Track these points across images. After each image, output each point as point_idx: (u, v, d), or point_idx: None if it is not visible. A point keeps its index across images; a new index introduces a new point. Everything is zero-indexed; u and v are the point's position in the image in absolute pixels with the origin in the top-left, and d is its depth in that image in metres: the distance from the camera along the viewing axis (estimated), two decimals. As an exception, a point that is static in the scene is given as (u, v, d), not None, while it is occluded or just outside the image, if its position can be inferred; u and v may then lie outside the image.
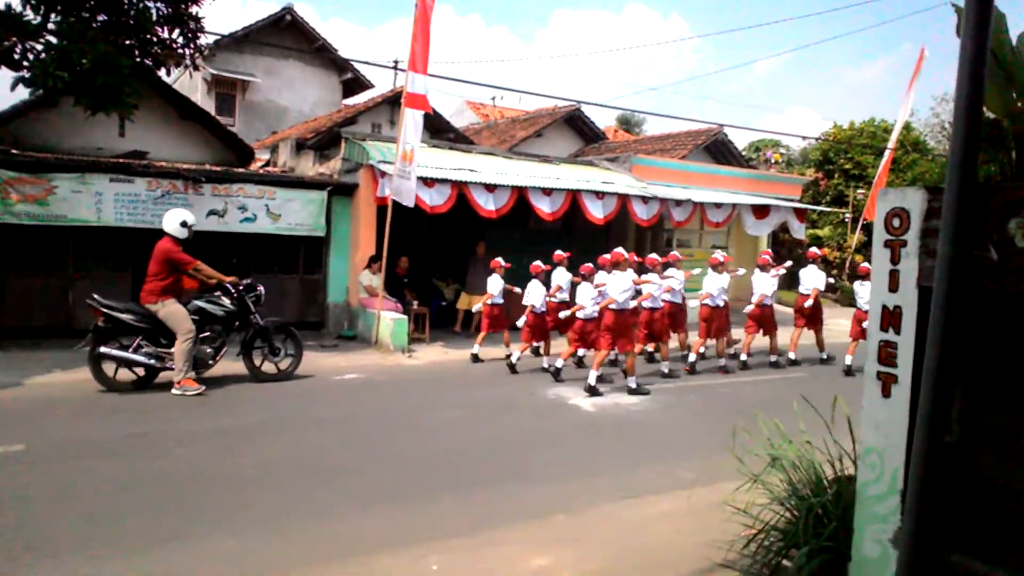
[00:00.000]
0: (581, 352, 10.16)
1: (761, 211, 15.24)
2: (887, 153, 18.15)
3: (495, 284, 10.47)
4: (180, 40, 10.37)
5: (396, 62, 24.09)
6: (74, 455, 5.59)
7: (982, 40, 2.44)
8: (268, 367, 8.56)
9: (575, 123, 22.10)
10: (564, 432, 7.05)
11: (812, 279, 11.39)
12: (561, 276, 10.45)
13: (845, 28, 69.62)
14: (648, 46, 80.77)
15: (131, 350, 7.71)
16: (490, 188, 11.76)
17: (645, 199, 13.56)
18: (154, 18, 9.90)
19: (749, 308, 10.94)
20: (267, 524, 4.51)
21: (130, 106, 9.52)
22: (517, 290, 10.44)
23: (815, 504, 3.23)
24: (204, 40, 10.96)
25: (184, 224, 7.95)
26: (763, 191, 17.03)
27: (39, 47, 9.14)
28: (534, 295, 9.87)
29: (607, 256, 9.47)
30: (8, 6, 9.06)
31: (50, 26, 9.30)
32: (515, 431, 7.03)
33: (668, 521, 4.68)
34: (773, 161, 26.24)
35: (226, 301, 8.21)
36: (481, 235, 12.97)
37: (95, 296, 7.72)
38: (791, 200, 17.32)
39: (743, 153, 23.09)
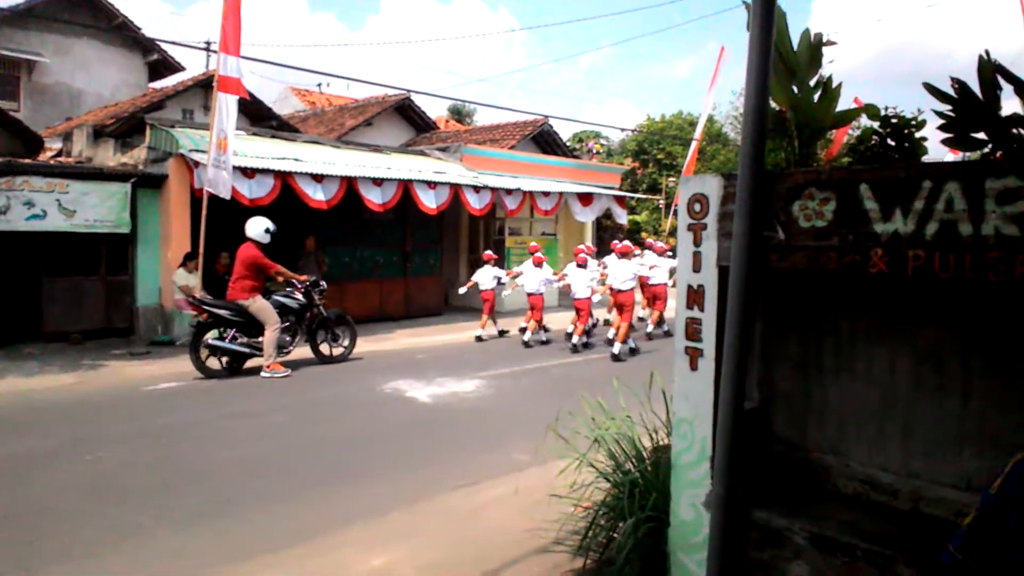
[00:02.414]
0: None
1: (586, 198, 15.91)
2: (693, 144, 19.60)
3: (487, 274, 12.04)
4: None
5: (208, 43, 22.53)
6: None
7: (767, 35, 2.63)
8: (333, 351, 9.87)
9: (406, 112, 21.84)
10: (400, 426, 6.93)
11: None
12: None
13: (660, 26, 74.38)
14: (477, 37, 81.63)
15: (228, 340, 8.77)
16: (318, 178, 11.31)
17: (477, 188, 13.68)
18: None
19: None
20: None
21: None
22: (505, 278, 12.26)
23: (636, 477, 3.38)
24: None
25: (267, 231, 9.00)
26: (587, 180, 17.80)
27: None
28: (532, 280, 11.51)
29: (618, 245, 11.29)
30: None
31: None
32: (350, 429, 6.80)
33: (501, 506, 4.72)
34: (595, 151, 27.51)
35: (298, 296, 9.37)
36: (311, 228, 12.45)
37: (196, 296, 9.23)
38: (612, 188, 18.24)
39: (567, 143, 23.99)
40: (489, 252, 12.79)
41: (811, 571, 2.68)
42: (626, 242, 11.74)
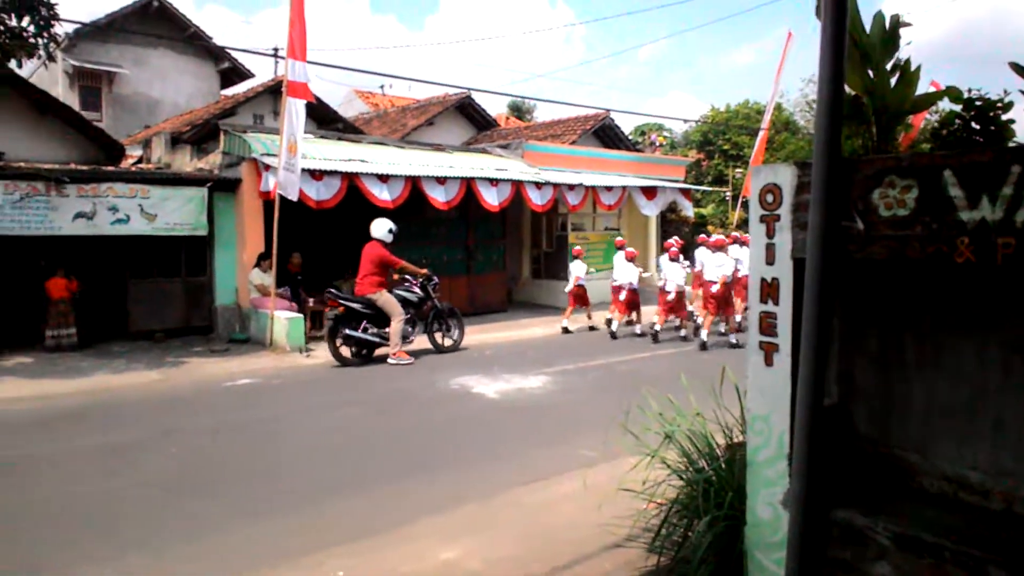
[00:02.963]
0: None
1: (650, 192, 15.72)
2: (761, 133, 19.10)
3: (578, 268, 12.32)
4: (32, 28, 9.54)
5: (276, 50, 23.17)
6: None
7: (840, 20, 2.55)
8: (445, 341, 10.58)
9: (466, 111, 22.00)
10: (468, 421, 7.01)
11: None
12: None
13: (722, 13, 72.73)
14: (535, 32, 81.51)
15: (360, 331, 9.62)
16: (383, 178, 11.52)
17: (539, 185, 13.68)
18: (1, 5, 9.05)
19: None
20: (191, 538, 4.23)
21: (-25, 102, 8.67)
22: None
23: (710, 474, 3.33)
24: (60, 28, 10.14)
25: (390, 231, 9.88)
26: (650, 173, 17.56)
27: None
28: (629, 274, 11.68)
29: (710, 239, 11.82)
30: None
31: None
32: (419, 423, 6.93)
33: (570, 502, 4.72)
34: (657, 144, 27.12)
35: (417, 290, 10.18)
36: (376, 227, 12.68)
37: (332, 290, 9.92)
38: (676, 181, 17.95)
39: (629, 137, 23.73)
40: (579, 248, 13.36)
41: (895, 572, 2.59)
42: (718, 235, 11.82)
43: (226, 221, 11.75)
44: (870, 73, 3.04)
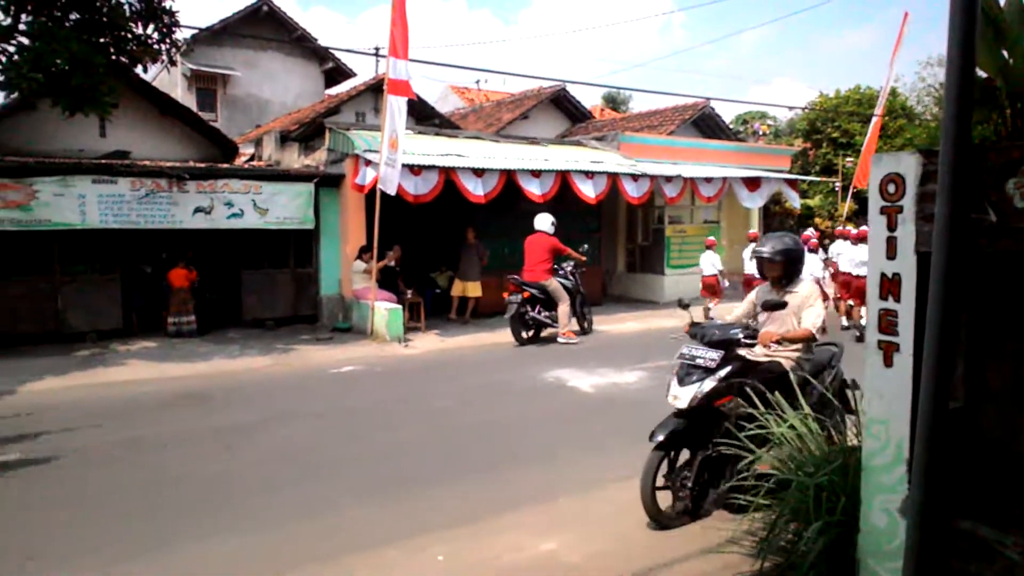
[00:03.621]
0: None
1: (753, 183, 15.20)
2: (874, 120, 18.07)
3: (711, 259, 12.75)
4: (155, 36, 10.21)
5: (377, 49, 23.85)
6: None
7: (972, -4, 2.37)
8: (584, 325, 11.54)
9: (561, 103, 21.95)
10: (564, 414, 7.02)
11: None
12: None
13: (828, -5, 69.15)
14: (631, 22, 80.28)
15: (536, 312, 10.77)
16: (478, 173, 11.66)
17: (635, 177, 13.49)
18: (127, 14, 9.73)
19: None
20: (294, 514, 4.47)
21: (108, 105, 9.39)
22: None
23: (822, 478, 3.20)
24: (180, 35, 10.79)
25: (552, 223, 11.07)
26: (753, 163, 16.96)
27: (11, 49, 8.96)
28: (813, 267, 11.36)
29: (853, 231, 11.82)
30: (-24, 8, 8.88)
31: (21, 27, 9.11)
32: (515, 415, 6.99)
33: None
34: (761, 133, 26.16)
35: (571, 277, 11.19)
36: (470, 220, 12.87)
37: (515, 276, 10.97)
38: (781, 171, 17.27)
39: (730, 126, 22.99)
40: (712, 238, 13.57)
41: (1027, 590, 2.41)
42: (864, 227, 11.50)
43: (330, 215, 12.22)
44: (1004, 53, 2.82)
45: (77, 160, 10.91)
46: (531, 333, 10.91)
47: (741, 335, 4.26)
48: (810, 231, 12.37)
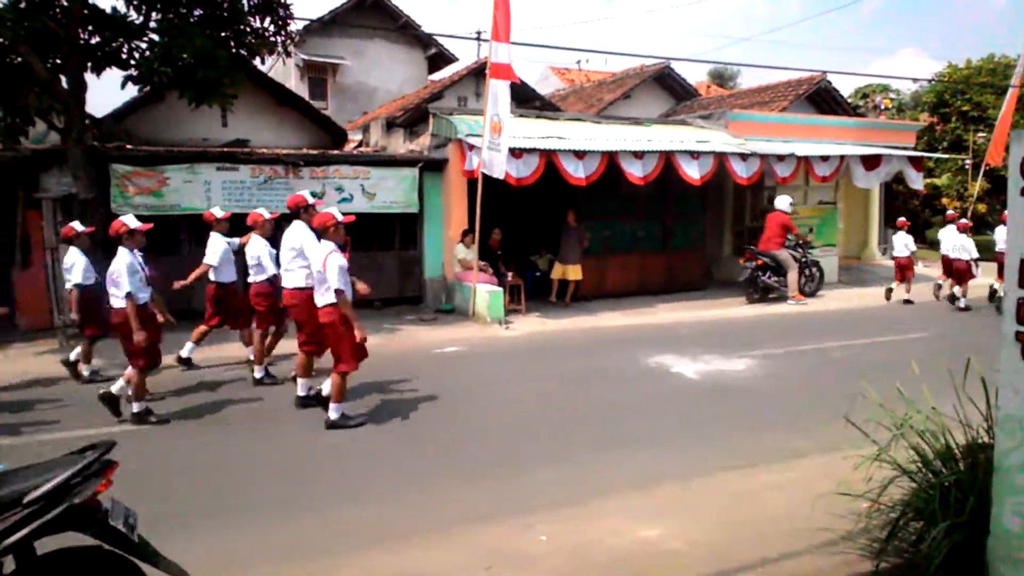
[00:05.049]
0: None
1: (872, 161, 14.32)
2: (1011, 91, 16.58)
3: (903, 239, 13.11)
4: (272, 28, 10.70)
5: (479, 33, 24.06)
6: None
7: None
8: (807, 288, 13.31)
9: (665, 81, 21.42)
10: (668, 400, 6.90)
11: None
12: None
13: (960, -44, 63.86)
14: (739, -5, 76.91)
15: (766, 277, 12.82)
16: (579, 155, 11.55)
17: (744, 156, 12.99)
18: (246, 9, 10.22)
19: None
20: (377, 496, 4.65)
21: (230, 97, 9.93)
22: None
23: (949, 477, 2.99)
24: (294, 27, 11.26)
25: (791, 203, 13.10)
26: (873, 140, 15.96)
27: (143, 45, 9.60)
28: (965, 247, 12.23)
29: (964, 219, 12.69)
30: (114, 9, 9.53)
31: (152, 24, 9.74)
32: (615, 399, 6.94)
33: (780, 492, 4.49)
34: (883, 107, 24.54)
35: (798, 250, 13.15)
36: (571, 203, 12.80)
37: (751, 247, 13.21)
38: (904, 148, 16.16)
39: (849, 101, 21.71)
40: (902, 219, 13.66)
41: None
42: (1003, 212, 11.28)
43: (434, 199, 12.45)
44: None
45: (202, 149, 11.61)
46: (763, 295, 12.80)
47: None
48: (964, 219, 13.03)
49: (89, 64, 9.58)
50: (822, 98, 18.86)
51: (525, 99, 17.50)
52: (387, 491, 4.72)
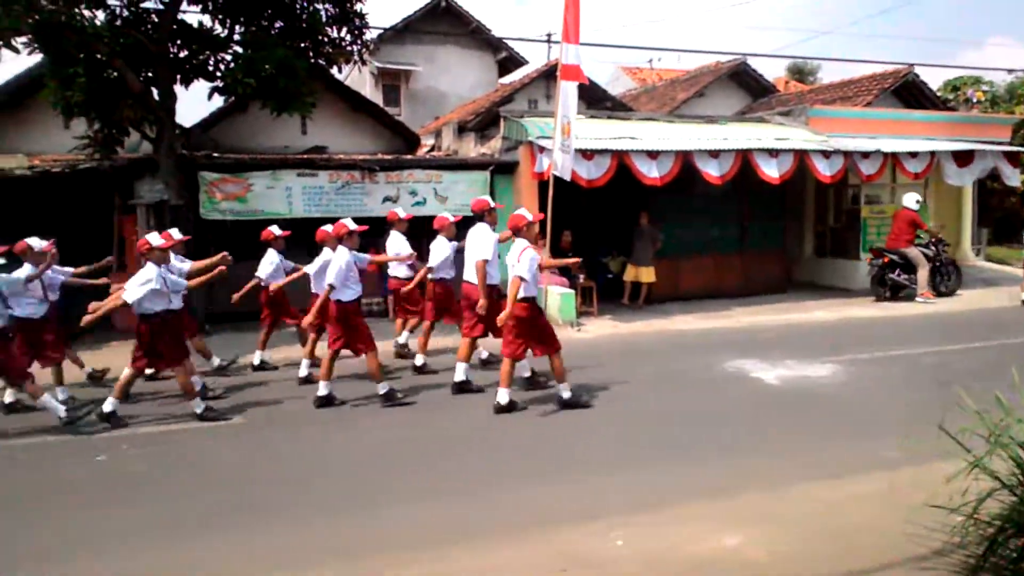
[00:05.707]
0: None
1: (964, 158, 13.58)
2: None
3: None
4: (348, 38, 10.99)
5: (549, 35, 24.06)
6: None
7: None
8: (942, 287, 13.00)
9: (741, 78, 20.91)
10: (748, 406, 6.71)
11: None
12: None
13: (1062, -64, 59.97)
14: (818, -13, 74.30)
15: (895, 275, 12.68)
16: (652, 155, 11.37)
17: (827, 153, 12.51)
18: (324, 20, 10.53)
19: None
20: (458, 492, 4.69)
21: (309, 105, 10.25)
22: None
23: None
24: (369, 35, 11.54)
25: (918, 201, 12.83)
26: (964, 135, 15.08)
27: (228, 58, 10.02)
28: None
29: None
30: (201, 23, 9.98)
31: (235, 37, 10.15)
32: (696, 404, 6.79)
33: (868, 504, 4.29)
34: (975, 101, 23.22)
35: (928, 249, 12.88)
36: (644, 204, 12.62)
37: (878, 245, 13.14)
38: (999, 143, 15.25)
39: (938, 94, 20.66)
40: None
41: None
42: None
43: (505, 201, 12.46)
44: None
45: (284, 156, 12.02)
46: (893, 292, 12.63)
47: None
48: None
49: (178, 77, 10.08)
50: (909, 92, 18.03)
51: (596, 100, 17.39)
52: (462, 489, 4.78)
